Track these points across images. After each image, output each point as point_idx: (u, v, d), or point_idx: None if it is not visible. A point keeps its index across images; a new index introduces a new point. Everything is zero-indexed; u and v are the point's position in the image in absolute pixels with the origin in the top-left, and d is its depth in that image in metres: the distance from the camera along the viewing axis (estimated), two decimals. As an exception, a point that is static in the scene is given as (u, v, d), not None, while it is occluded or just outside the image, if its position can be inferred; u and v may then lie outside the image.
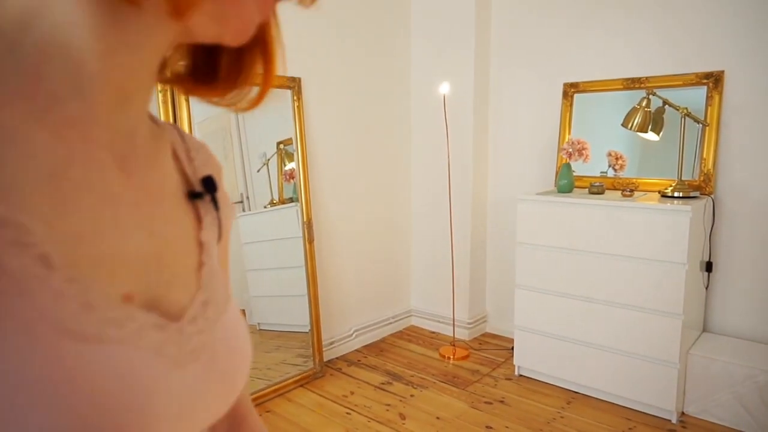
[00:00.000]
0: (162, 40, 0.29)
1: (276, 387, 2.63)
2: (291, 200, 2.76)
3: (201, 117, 2.34)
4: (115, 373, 0.25)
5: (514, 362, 2.80)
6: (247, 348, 0.41)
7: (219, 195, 0.40)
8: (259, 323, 2.71)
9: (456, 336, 3.24)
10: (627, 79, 2.68)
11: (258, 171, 2.66)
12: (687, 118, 2.38)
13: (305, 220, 2.76)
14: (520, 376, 2.81)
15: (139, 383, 0.26)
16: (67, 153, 0.26)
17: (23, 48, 0.24)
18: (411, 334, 3.41)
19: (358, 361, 3.05)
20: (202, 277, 0.35)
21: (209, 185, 0.38)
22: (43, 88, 0.25)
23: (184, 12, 0.26)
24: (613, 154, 2.62)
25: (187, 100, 2.23)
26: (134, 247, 0.29)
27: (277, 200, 2.74)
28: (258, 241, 2.73)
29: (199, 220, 0.37)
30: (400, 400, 2.54)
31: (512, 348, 2.87)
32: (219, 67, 0.35)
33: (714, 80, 2.43)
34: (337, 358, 3.08)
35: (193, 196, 0.37)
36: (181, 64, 0.36)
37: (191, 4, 0.26)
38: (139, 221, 0.30)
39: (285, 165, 2.75)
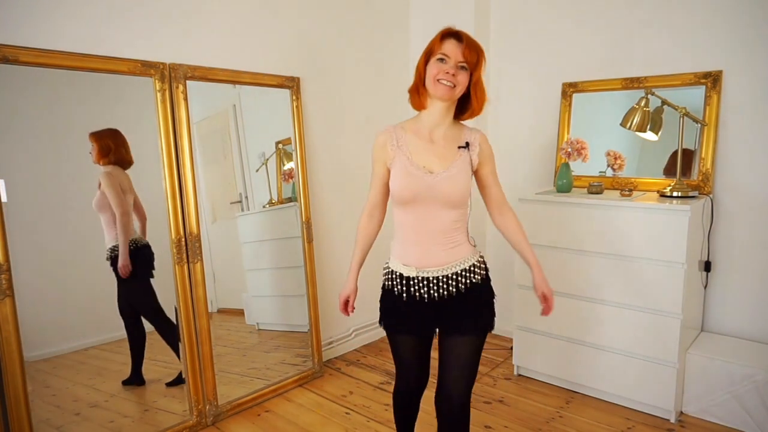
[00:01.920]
0: (439, 108, 1.53)
1: (275, 387, 2.64)
2: (290, 200, 2.76)
3: (199, 117, 2.34)
4: (416, 178, 1.49)
5: (513, 362, 2.80)
6: (457, 187, 1.50)
7: (472, 146, 1.55)
8: (258, 323, 2.71)
9: (455, 336, 3.24)
10: (626, 79, 2.68)
11: (257, 171, 2.66)
12: (686, 117, 2.38)
13: (304, 219, 2.75)
14: (519, 375, 2.81)
15: (418, 181, 1.49)
16: (415, 140, 1.55)
17: (419, 119, 1.58)
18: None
19: (357, 360, 3.05)
20: (449, 166, 1.51)
21: (467, 143, 1.55)
22: (421, 128, 1.57)
23: (474, 116, 1.58)
24: (611, 153, 2.62)
25: (186, 100, 2.23)
26: (429, 157, 1.52)
27: (276, 200, 2.74)
28: (257, 241, 2.73)
29: (460, 153, 1.54)
30: (399, 400, 2.54)
31: (511, 348, 2.88)
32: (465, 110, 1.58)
33: (712, 80, 2.43)
34: (336, 357, 3.08)
35: (461, 147, 1.55)
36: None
37: (478, 113, 1.57)
38: (435, 151, 1.53)
39: (284, 165, 2.75)
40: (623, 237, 2.33)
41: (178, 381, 2.30)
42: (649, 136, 2.56)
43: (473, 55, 1.46)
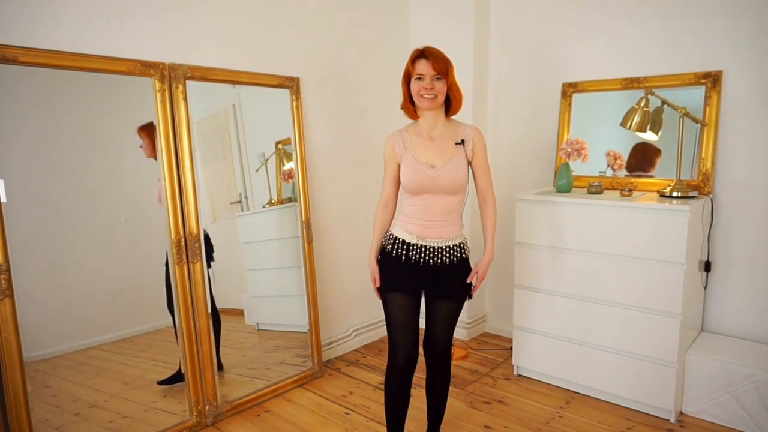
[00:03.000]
0: (430, 114, 1.87)
1: (275, 387, 2.63)
2: (290, 200, 2.76)
3: (198, 117, 2.34)
4: (421, 173, 1.81)
5: (513, 362, 2.80)
6: (455, 178, 1.83)
7: (466, 143, 1.87)
8: (258, 323, 2.71)
9: (455, 336, 3.24)
10: (625, 79, 2.68)
11: (257, 171, 2.66)
12: (685, 117, 2.38)
13: (304, 219, 2.75)
14: (519, 375, 2.81)
15: (423, 175, 1.81)
16: (418, 140, 1.88)
17: (418, 124, 1.93)
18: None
19: (357, 361, 3.05)
20: (448, 161, 1.83)
21: (462, 140, 1.86)
22: (421, 131, 1.90)
23: (457, 109, 1.90)
24: (611, 153, 2.62)
25: (186, 100, 2.23)
26: (431, 154, 1.84)
27: (276, 200, 2.74)
28: (257, 241, 2.73)
29: (457, 149, 1.86)
30: (399, 400, 2.54)
31: (511, 348, 2.88)
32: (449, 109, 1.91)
33: (712, 80, 2.43)
34: (335, 358, 3.08)
35: (458, 143, 1.86)
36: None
37: (458, 106, 1.89)
38: (435, 149, 1.85)
39: (283, 165, 2.75)
40: (623, 237, 2.33)
41: (172, 380, 2.31)
42: (649, 136, 2.56)
43: (442, 66, 1.79)
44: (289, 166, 2.75)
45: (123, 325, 2.20)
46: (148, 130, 2.16)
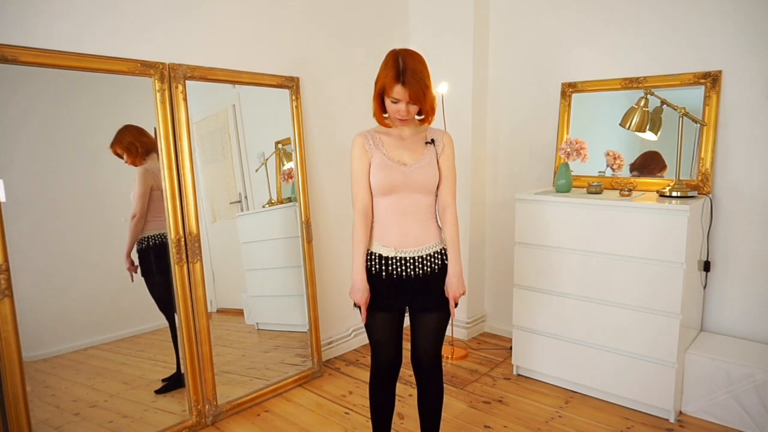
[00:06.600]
0: (397, 123, 1.78)
1: (275, 387, 2.64)
2: (289, 200, 2.76)
3: (198, 117, 2.34)
4: (393, 170, 1.74)
5: (513, 362, 2.80)
6: (428, 175, 1.77)
7: (436, 142, 1.82)
8: (257, 323, 2.71)
9: (455, 335, 3.25)
10: (625, 79, 2.69)
11: (256, 171, 2.66)
12: (685, 117, 2.38)
13: (304, 219, 2.75)
14: (519, 375, 2.81)
15: (396, 172, 1.74)
16: (388, 139, 1.80)
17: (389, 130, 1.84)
18: (409, 334, 3.40)
19: (357, 360, 3.05)
20: (419, 159, 1.77)
21: (432, 141, 1.81)
22: (391, 131, 1.83)
23: (430, 121, 1.81)
24: (611, 153, 2.62)
25: (185, 100, 2.23)
26: (402, 152, 1.77)
27: (276, 200, 2.74)
28: (256, 241, 2.73)
29: (427, 148, 1.80)
30: (399, 400, 2.54)
31: (510, 347, 2.88)
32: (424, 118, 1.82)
33: (712, 80, 2.43)
34: (335, 357, 3.08)
35: (427, 143, 1.81)
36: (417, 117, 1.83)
37: (431, 119, 1.80)
38: (406, 147, 1.79)
39: (283, 165, 2.75)
40: (622, 237, 2.33)
41: (169, 387, 2.31)
42: (649, 136, 2.56)
43: (419, 93, 1.69)
44: (288, 166, 2.75)
45: (123, 325, 2.20)
46: (118, 143, 2.11)
